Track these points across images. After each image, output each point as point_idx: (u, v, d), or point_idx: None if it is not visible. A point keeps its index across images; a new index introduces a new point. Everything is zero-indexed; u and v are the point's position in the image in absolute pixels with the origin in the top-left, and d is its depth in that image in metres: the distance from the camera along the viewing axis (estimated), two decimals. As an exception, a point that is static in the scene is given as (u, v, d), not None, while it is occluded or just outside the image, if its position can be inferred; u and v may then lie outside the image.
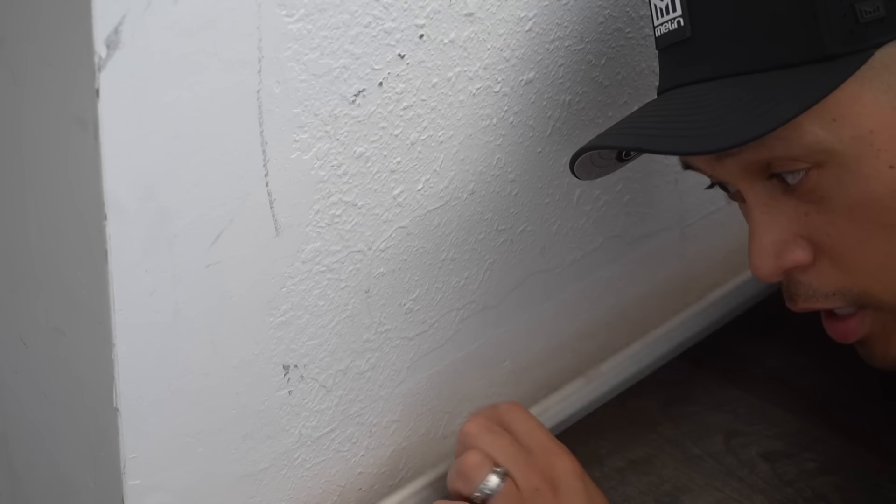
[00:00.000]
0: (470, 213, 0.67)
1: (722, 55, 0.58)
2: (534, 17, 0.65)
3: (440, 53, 0.61)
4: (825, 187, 0.58)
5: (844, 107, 0.56)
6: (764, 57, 0.57)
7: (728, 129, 0.55)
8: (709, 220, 0.89)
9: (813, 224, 0.59)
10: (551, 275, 0.76)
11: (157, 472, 0.55)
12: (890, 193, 0.56)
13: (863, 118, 0.56)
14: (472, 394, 0.73)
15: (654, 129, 0.58)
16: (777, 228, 0.60)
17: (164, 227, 0.51)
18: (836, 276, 0.60)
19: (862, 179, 0.57)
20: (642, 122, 0.60)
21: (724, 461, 0.75)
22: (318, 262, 0.59)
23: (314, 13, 0.53)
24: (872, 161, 0.56)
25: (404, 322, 0.66)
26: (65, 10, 0.46)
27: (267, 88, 0.53)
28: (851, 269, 0.60)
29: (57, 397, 0.58)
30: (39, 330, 0.57)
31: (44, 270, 0.55)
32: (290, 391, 0.60)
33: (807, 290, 0.62)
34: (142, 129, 0.48)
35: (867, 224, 0.58)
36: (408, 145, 0.61)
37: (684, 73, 0.60)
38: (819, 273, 0.61)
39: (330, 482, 0.65)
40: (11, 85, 0.51)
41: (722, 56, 0.58)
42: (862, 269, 0.59)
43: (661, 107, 0.60)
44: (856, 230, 0.58)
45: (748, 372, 0.85)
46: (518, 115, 0.68)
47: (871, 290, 0.60)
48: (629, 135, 0.60)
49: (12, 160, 0.54)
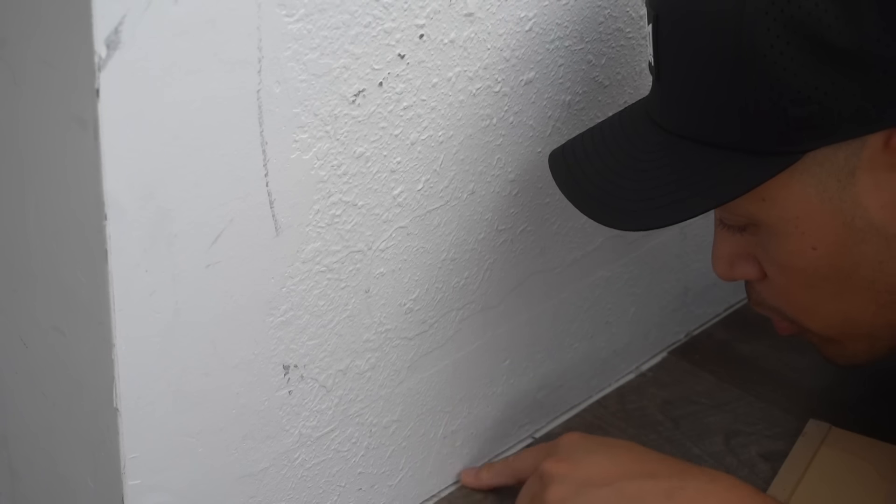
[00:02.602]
0: (470, 213, 0.67)
1: (675, 112, 0.61)
2: (534, 17, 0.65)
3: (440, 53, 0.61)
4: (761, 239, 0.63)
5: (773, 190, 0.59)
6: (704, 131, 0.59)
7: (645, 209, 0.59)
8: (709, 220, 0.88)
9: (758, 254, 0.64)
10: (551, 275, 0.76)
11: (157, 472, 0.55)
12: (812, 268, 0.61)
13: (790, 204, 0.59)
14: (472, 394, 0.73)
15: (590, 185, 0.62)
16: (732, 244, 0.65)
17: (164, 227, 0.51)
18: (776, 297, 0.66)
19: (787, 253, 0.61)
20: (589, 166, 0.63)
21: (724, 461, 0.75)
22: (318, 262, 0.59)
23: (314, 13, 0.53)
24: (797, 240, 0.60)
25: (404, 322, 0.66)
26: (65, 10, 0.46)
27: (267, 88, 0.53)
28: (786, 300, 0.65)
29: (57, 397, 0.58)
30: (39, 330, 0.57)
31: (43, 270, 0.55)
32: (290, 391, 0.60)
33: (757, 296, 0.68)
34: (142, 129, 0.48)
35: (794, 281, 0.63)
36: (408, 145, 0.61)
37: (653, 106, 0.63)
38: (767, 287, 0.66)
39: (330, 482, 0.65)
40: (11, 85, 0.51)
41: (676, 114, 0.61)
42: (794, 305, 0.65)
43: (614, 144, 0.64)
44: (784, 282, 0.63)
45: (748, 372, 0.85)
46: (518, 115, 0.68)
47: (799, 319, 0.66)
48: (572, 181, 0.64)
49: (12, 160, 0.54)
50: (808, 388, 0.83)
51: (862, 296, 0.61)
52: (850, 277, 0.60)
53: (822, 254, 0.60)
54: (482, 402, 0.74)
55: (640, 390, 0.84)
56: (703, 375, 0.85)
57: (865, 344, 0.65)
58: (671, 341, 0.90)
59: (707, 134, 0.58)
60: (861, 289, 0.61)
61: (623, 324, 0.84)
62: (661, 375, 0.86)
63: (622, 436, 0.78)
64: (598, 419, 0.81)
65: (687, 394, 0.83)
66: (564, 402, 0.81)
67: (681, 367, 0.87)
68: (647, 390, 0.84)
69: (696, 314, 0.92)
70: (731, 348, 0.89)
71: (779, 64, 0.54)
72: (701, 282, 0.91)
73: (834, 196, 0.58)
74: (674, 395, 0.83)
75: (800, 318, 0.65)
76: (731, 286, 0.67)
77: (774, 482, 0.71)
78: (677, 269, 0.88)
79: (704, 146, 0.58)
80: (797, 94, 0.54)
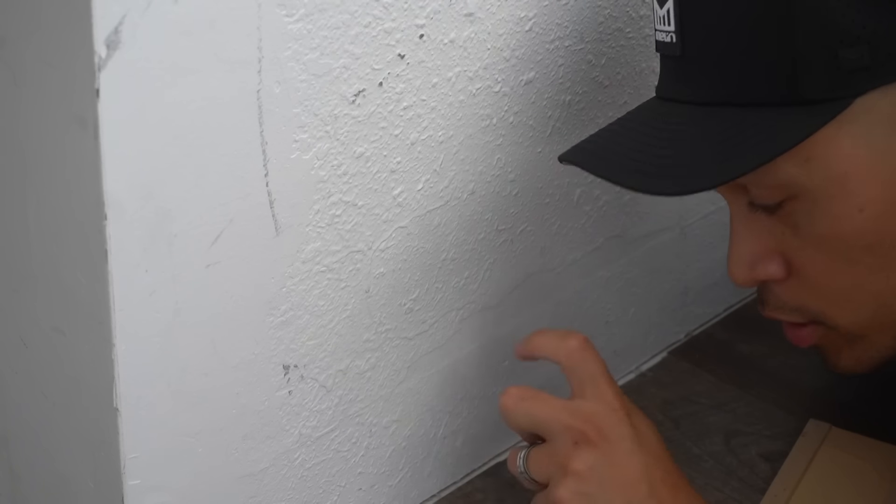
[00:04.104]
0: (470, 213, 0.67)
1: (706, 82, 0.59)
2: (534, 17, 0.65)
3: (440, 53, 0.61)
4: (798, 216, 0.60)
5: (819, 148, 0.57)
6: (744, 92, 0.57)
7: (687, 173, 0.56)
8: (709, 220, 0.89)
9: (787, 244, 0.62)
10: (551, 275, 0.76)
11: (157, 472, 0.55)
12: (857, 234, 0.58)
13: (837, 161, 0.57)
14: (472, 394, 0.73)
15: (623, 158, 0.60)
16: (754, 241, 0.63)
17: (164, 227, 0.51)
18: (800, 294, 0.63)
19: (831, 218, 0.59)
20: (617, 145, 0.61)
21: (724, 461, 0.75)
22: (318, 262, 0.59)
23: (314, 13, 0.53)
24: (843, 202, 0.58)
25: (404, 322, 0.66)
26: (65, 10, 0.46)
27: (267, 88, 0.53)
28: (815, 292, 0.63)
29: (57, 398, 0.58)
30: (39, 330, 0.57)
31: (44, 271, 0.55)
32: (290, 391, 0.60)
33: (776, 300, 0.65)
34: (142, 129, 0.48)
35: (833, 257, 0.60)
36: (408, 145, 0.61)
37: (673, 88, 0.61)
38: (788, 288, 0.63)
39: (330, 482, 0.65)
40: (11, 85, 0.51)
41: (707, 83, 0.59)
42: (824, 295, 0.62)
43: (640, 128, 0.61)
44: (823, 260, 0.61)
45: (748, 372, 0.85)
46: (518, 115, 0.68)
47: (828, 313, 0.63)
48: (601, 158, 0.61)
49: (12, 160, 0.54)
50: (808, 388, 0.83)
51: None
52: (894, 246, 0.59)
53: (868, 216, 0.57)
54: (482, 402, 0.74)
55: (640, 390, 0.84)
56: (703, 375, 0.85)
57: (892, 335, 0.63)
58: (671, 341, 0.90)
59: (748, 94, 0.57)
60: None
61: (623, 324, 0.84)
62: (661, 375, 0.86)
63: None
64: (598, 419, 0.81)
65: (687, 394, 0.83)
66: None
67: (681, 367, 0.87)
68: (647, 390, 0.84)
69: (696, 314, 0.92)
70: (731, 348, 0.89)
71: (829, 4, 0.53)
72: (701, 282, 0.91)
73: (882, 147, 0.56)
74: (674, 395, 0.83)
75: (829, 311, 0.63)
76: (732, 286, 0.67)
77: (774, 482, 0.71)
78: (677, 269, 0.88)
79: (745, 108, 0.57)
80: (847, 34, 0.53)
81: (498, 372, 0.75)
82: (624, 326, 0.85)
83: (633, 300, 0.85)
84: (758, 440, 0.77)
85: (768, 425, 0.79)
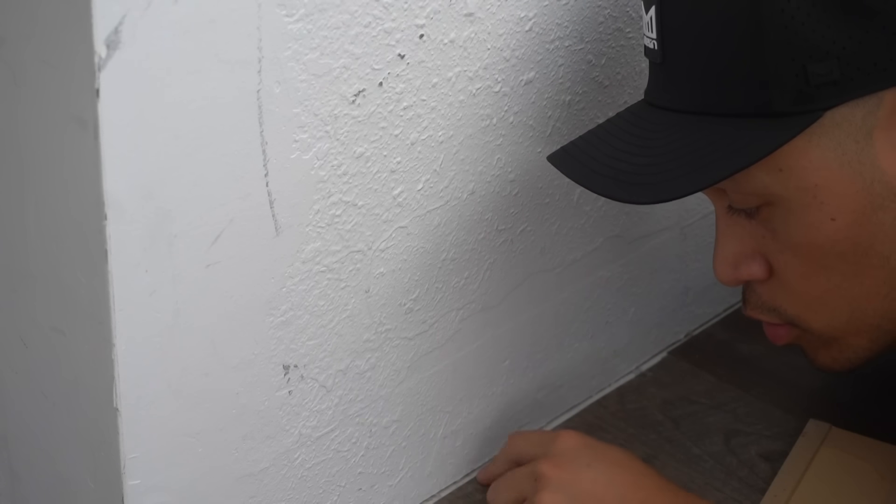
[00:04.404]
0: (470, 213, 0.67)
1: (685, 91, 0.60)
2: (534, 17, 0.65)
3: (440, 53, 0.61)
4: (775, 222, 0.61)
5: (791, 159, 0.58)
6: (720, 103, 0.58)
7: (659, 181, 0.58)
8: (709, 220, 0.89)
9: (767, 247, 0.63)
10: (551, 275, 0.76)
11: (157, 472, 0.55)
12: (830, 242, 0.60)
13: (808, 172, 0.58)
14: (472, 394, 0.73)
15: (600, 164, 0.61)
16: (737, 242, 0.64)
17: (164, 227, 0.51)
18: (777, 296, 0.65)
19: (805, 226, 0.60)
20: (596, 150, 0.62)
21: (724, 461, 0.75)
22: (318, 262, 0.59)
23: (314, 13, 0.53)
24: (816, 212, 0.59)
25: (404, 322, 0.66)
26: (65, 10, 0.46)
27: (267, 88, 0.53)
28: (791, 295, 0.64)
29: (57, 397, 0.58)
30: (39, 330, 0.57)
31: (43, 271, 0.55)
32: (290, 391, 0.60)
33: (757, 299, 0.66)
34: (142, 129, 0.48)
35: (809, 262, 0.61)
36: (408, 145, 0.61)
37: (656, 93, 0.63)
38: (769, 288, 0.65)
39: (330, 482, 0.65)
40: (11, 85, 0.51)
41: (687, 91, 0.60)
42: (800, 299, 0.64)
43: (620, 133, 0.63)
44: (799, 264, 0.62)
45: (748, 372, 0.85)
46: (518, 115, 0.68)
47: (803, 317, 0.65)
48: (581, 163, 0.63)
49: (12, 160, 0.54)
50: (808, 388, 0.83)
51: (875, 276, 0.60)
52: (867, 253, 0.60)
53: (840, 225, 0.59)
54: (482, 402, 0.74)
55: (640, 390, 0.84)
56: (703, 375, 0.85)
57: (867, 338, 0.64)
58: (671, 341, 0.90)
59: (722, 105, 0.58)
60: (876, 267, 0.60)
61: (623, 324, 0.84)
62: (661, 375, 0.86)
63: (622, 435, 0.78)
64: (598, 419, 0.81)
65: (687, 394, 0.83)
66: (564, 402, 0.81)
67: (681, 367, 0.87)
68: (647, 390, 0.84)
69: (696, 314, 0.92)
70: (731, 348, 0.89)
71: (796, 20, 0.54)
72: (701, 282, 0.91)
73: (853, 159, 0.57)
74: (674, 395, 0.83)
75: (804, 315, 0.64)
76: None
77: (774, 482, 0.71)
78: (677, 269, 0.88)
79: (720, 118, 0.58)
80: (816, 49, 0.54)
81: (498, 372, 0.75)
82: (624, 326, 0.85)
83: (633, 300, 0.85)
84: (758, 440, 0.77)
85: (768, 425, 0.79)
